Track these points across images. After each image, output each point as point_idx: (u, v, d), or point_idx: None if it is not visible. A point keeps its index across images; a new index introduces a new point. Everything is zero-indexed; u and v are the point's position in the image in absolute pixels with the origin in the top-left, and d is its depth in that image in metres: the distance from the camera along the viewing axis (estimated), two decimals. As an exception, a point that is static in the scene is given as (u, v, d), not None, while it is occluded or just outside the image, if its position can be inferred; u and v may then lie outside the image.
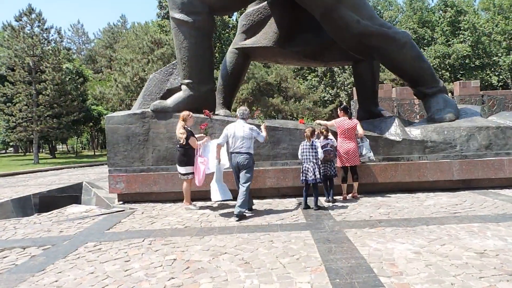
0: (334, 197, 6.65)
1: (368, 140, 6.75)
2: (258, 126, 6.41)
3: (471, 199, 6.19)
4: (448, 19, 39.75)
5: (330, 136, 6.61)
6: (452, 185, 7.16)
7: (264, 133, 6.08)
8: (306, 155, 6.01)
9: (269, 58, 9.44)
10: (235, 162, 5.79)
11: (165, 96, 7.88)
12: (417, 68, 7.65)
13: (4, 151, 48.71)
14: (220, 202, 6.70)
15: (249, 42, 9.05)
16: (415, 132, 7.18)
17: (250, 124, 6.10)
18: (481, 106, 8.69)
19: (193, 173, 6.38)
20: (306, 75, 37.89)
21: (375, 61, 8.71)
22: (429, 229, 4.53)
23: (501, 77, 37.85)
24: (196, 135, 6.51)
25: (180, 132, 6.33)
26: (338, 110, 6.87)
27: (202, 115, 7.29)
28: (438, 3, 41.87)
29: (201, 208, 6.53)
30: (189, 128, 6.47)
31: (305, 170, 5.99)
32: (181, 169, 6.42)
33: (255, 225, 5.13)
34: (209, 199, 6.40)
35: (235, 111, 7.35)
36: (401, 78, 8.18)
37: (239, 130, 5.79)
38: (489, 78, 37.30)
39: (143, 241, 4.67)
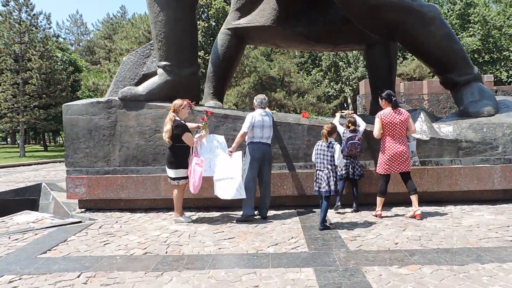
0: (339, 210, 5.41)
1: (415, 139, 5.41)
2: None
3: (522, 217, 4.79)
4: (457, 12, 38.16)
5: (361, 125, 5.48)
6: (491, 196, 5.75)
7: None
8: (320, 159, 4.61)
9: (267, 41, 8.01)
10: (260, 153, 5.08)
11: (140, 82, 6.47)
12: (447, 50, 6.20)
13: (5, 142, 47.73)
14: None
15: (243, 22, 7.62)
16: (445, 130, 5.76)
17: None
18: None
19: (186, 177, 5.02)
20: (310, 69, 36.41)
21: (392, 43, 7.31)
22: (488, 271, 3.13)
23: (510, 72, 36.24)
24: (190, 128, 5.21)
25: (165, 130, 4.96)
26: (380, 99, 5.09)
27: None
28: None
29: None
30: (183, 122, 5.08)
31: (318, 178, 4.62)
32: (170, 172, 5.05)
33: (238, 255, 3.75)
34: (198, 209, 5.06)
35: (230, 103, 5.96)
36: (426, 63, 6.75)
37: (266, 119, 5.13)
38: (499, 74, 35.69)
39: (79, 276, 3.31)
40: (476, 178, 5.57)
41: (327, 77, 34.72)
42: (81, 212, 5.98)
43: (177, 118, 5.03)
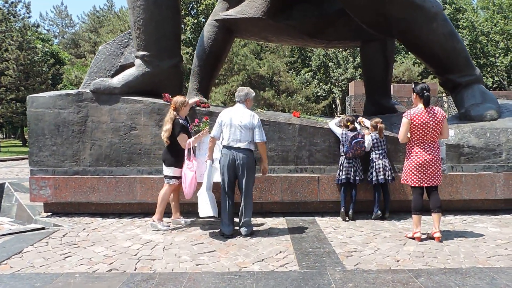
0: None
1: (444, 144, 4.89)
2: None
3: (530, 231, 4.41)
4: (447, 17, 38.51)
5: (357, 124, 5.15)
6: (492, 205, 5.38)
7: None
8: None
9: (257, 34, 7.49)
10: (229, 160, 4.19)
11: (117, 74, 5.88)
12: (449, 49, 5.80)
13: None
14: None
15: (232, 13, 7.07)
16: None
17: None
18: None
19: (179, 177, 4.54)
20: (300, 69, 36.06)
21: (389, 41, 6.90)
22: (505, 297, 2.71)
23: (496, 78, 36.71)
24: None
25: (164, 129, 4.50)
26: (413, 94, 4.12)
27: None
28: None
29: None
30: (181, 121, 4.56)
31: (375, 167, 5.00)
32: (166, 170, 4.60)
33: (218, 274, 3.24)
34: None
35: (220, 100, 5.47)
36: (425, 62, 6.34)
37: (237, 117, 4.21)
38: (485, 79, 36.10)
39: (25, 302, 2.75)
40: (478, 186, 5.18)
41: (316, 78, 34.43)
42: (47, 216, 5.37)
43: (177, 117, 4.54)
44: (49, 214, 5.45)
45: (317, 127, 5.31)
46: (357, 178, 4.93)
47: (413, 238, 4.07)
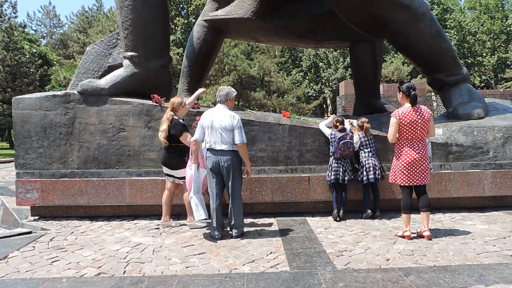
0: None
1: (430, 143, 4.80)
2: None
3: (517, 227, 4.47)
4: (434, 17, 38.97)
5: (347, 125, 5.10)
6: (480, 203, 5.45)
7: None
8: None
9: (246, 34, 7.47)
10: (213, 163, 4.15)
11: (105, 75, 5.81)
12: (436, 49, 5.86)
13: None
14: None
15: (221, 13, 7.04)
16: (435, 132, 5.41)
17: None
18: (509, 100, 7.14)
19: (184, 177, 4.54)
20: (290, 69, 36.14)
21: (378, 41, 6.95)
22: (494, 294, 2.74)
23: (483, 77, 37.27)
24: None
25: (161, 129, 4.52)
26: (399, 93, 4.12)
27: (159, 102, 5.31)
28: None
29: (154, 230, 4.55)
30: (181, 120, 4.60)
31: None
32: (176, 173, 4.66)
33: (208, 276, 3.22)
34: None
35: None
36: (414, 62, 6.40)
37: (217, 118, 4.14)
38: (472, 79, 36.61)
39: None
40: (466, 184, 5.24)
41: (307, 78, 34.54)
42: (34, 220, 5.28)
43: (175, 117, 4.55)
44: (36, 217, 5.36)
45: (307, 127, 5.31)
46: (346, 178, 4.91)
47: (403, 237, 4.10)
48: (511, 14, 35.63)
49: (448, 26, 37.92)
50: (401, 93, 4.12)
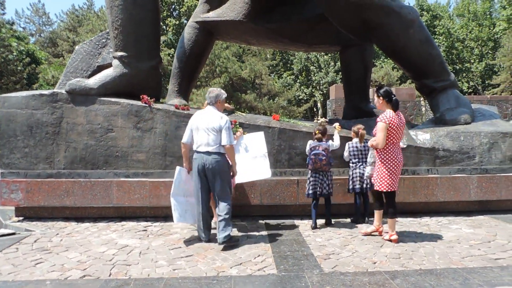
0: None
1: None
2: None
3: (502, 231, 4.53)
4: (424, 23, 39.58)
5: (335, 141, 4.91)
6: (466, 207, 5.52)
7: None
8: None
9: (237, 37, 7.48)
10: (199, 165, 4.04)
11: (94, 75, 5.75)
12: (425, 55, 5.94)
13: None
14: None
15: (212, 15, 7.04)
16: (422, 137, 5.49)
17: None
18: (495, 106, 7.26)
19: None
20: (281, 72, 36.28)
21: (368, 46, 7.02)
22: (477, 297, 2.78)
23: (471, 83, 37.96)
24: None
25: None
26: (378, 98, 4.13)
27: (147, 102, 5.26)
28: (414, 6, 41.55)
29: (144, 229, 4.50)
30: None
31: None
32: None
33: (195, 278, 3.19)
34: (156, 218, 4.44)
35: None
36: (403, 67, 6.48)
37: (205, 119, 4.07)
38: (461, 84, 37.25)
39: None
40: (452, 188, 5.31)
41: (298, 81, 34.70)
42: (18, 221, 5.18)
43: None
44: (21, 218, 5.26)
45: (297, 130, 5.33)
46: (324, 192, 4.63)
47: (390, 240, 4.12)
48: (499, 22, 36.35)
49: (437, 33, 38.54)
50: (380, 98, 4.11)
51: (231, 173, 4.21)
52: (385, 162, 4.11)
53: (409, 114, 19.22)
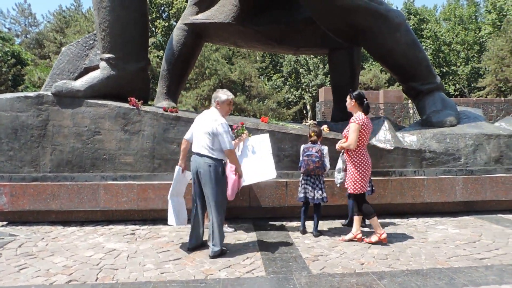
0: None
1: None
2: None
3: (487, 232, 4.62)
4: (411, 27, 40.16)
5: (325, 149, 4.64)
6: (452, 207, 5.61)
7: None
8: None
9: (226, 39, 7.49)
10: (193, 168, 3.93)
11: (81, 77, 5.68)
12: (411, 58, 6.04)
13: None
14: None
15: (201, 17, 7.04)
16: (409, 139, 5.56)
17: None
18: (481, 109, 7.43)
19: None
20: (271, 75, 36.40)
21: (356, 49, 7.10)
22: (462, 297, 2.82)
23: (457, 86, 38.66)
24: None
25: None
26: (351, 100, 4.22)
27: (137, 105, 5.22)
28: (402, 10, 42.19)
29: (132, 232, 4.45)
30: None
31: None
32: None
33: (183, 282, 3.17)
34: (144, 221, 4.39)
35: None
36: (390, 70, 6.57)
37: (201, 121, 3.97)
38: (447, 87, 37.90)
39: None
40: (439, 189, 5.39)
41: (287, 83, 34.85)
42: (2, 226, 5.08)
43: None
44: (5, 223, 5.16)
45: (285, 132, 5.35)
46: (316, 197, 4.41)
47: (381, 240, 4.13)
48: (484, 26, 37.13)
49: (424, 36, 39.19)
50: (353, 100, 4.22)
51: (236, 175, 4.21)
52: (357, 165, 4.14)
53: (397, 117, 19.46)
